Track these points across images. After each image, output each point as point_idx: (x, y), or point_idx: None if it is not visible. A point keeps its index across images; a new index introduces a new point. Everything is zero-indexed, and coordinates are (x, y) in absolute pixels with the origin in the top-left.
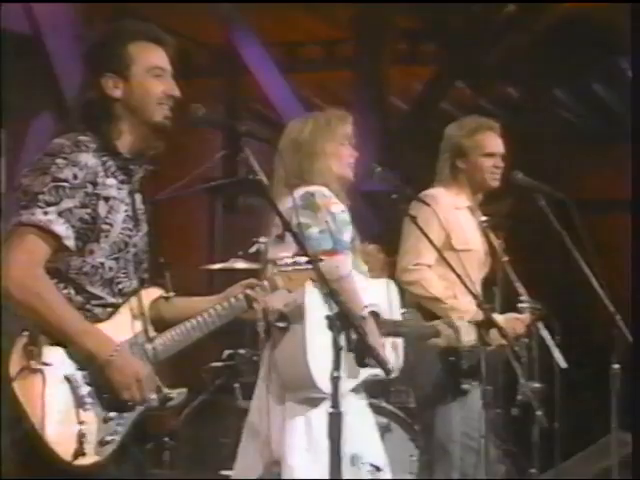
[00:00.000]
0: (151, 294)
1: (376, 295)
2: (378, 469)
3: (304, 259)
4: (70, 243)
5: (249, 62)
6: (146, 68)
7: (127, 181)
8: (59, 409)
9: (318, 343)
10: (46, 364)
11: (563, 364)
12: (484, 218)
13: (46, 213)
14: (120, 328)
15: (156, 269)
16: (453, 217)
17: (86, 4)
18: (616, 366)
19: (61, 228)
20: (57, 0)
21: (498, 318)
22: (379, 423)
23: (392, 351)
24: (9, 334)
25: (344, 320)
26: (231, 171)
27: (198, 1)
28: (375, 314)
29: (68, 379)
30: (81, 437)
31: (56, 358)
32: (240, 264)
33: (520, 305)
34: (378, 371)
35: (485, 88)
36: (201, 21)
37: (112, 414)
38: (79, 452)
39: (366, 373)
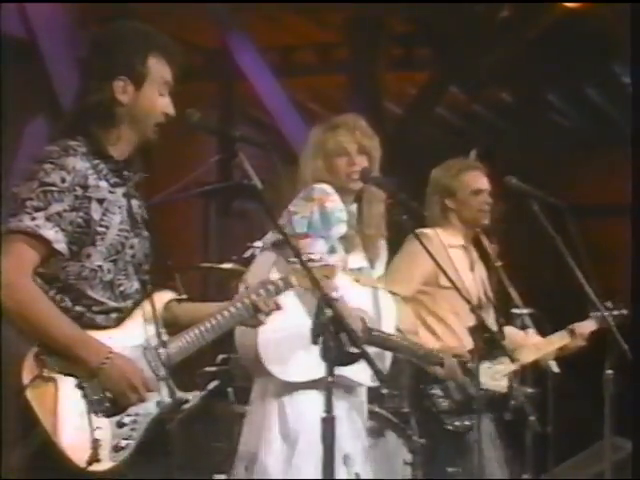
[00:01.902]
0: (163, 297)
1: (364, 302)
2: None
3: (318, 257)
4: (60, 247)
5: (244, 66)
6: (158, 83)
7: (120, 184)
8: (73, 416)
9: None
10: (58, 372)
11: (556, 369)
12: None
13: (34, 218)
14: (132, 333)
15: (164, 272)
16: (444, 255)
17: (81, 8)
18: (609, 371)
19: (50, 232)
20: (54, 0)
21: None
22: (372, 428)
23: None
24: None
25: (338, 325)
26: (225, 175)
27: (193, 1)
28: (361, 319)
29: (81, 386)
30: (95, 443)
31: (69, 366)
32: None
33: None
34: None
35: (479, 93)
36: (196, 24)
37: (126, 419)
38: (93, 458)
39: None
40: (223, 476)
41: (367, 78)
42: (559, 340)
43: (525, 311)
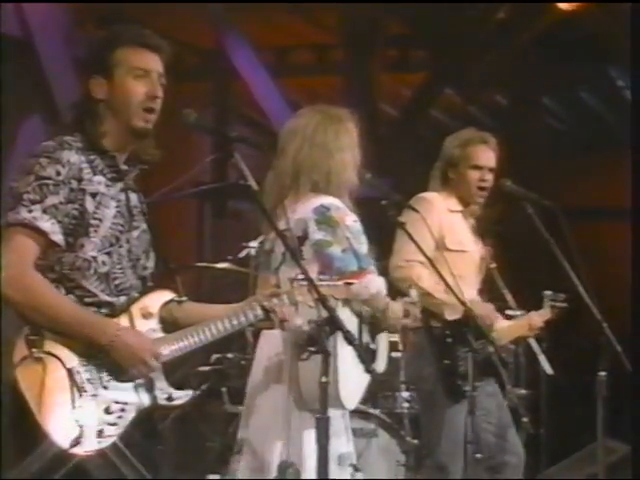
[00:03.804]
0: (162, 296)
1: None
2: (357, 469)
3: (326, 275)
4: (57, 238)
5: (239, 66)
6: (127, 69)
7: (118, 179)
8: (59, 398)
9: (347, 363)
10: (47, 353)
11: (549, 371)
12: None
13: (30, 211)
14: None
15: (165, 274)
16: (447, 219)
17: (77, 7)
18: (602, 373)
19: (46, 224)
20: (52, 0)
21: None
22: (366, 428)
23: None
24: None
25: (332, 325)
26: (220, 175)
27: (190, 1)
28: None
29: (70, 370)
30: (80, 426)
31: (59, 348)
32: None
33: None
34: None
35: (474, 95)
36: (192, 25)
37: (114, 406)
38: (76, 441)
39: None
40: (217, 476)
41: (362, 79)
42: (518, 329)
43: (519, 313)
